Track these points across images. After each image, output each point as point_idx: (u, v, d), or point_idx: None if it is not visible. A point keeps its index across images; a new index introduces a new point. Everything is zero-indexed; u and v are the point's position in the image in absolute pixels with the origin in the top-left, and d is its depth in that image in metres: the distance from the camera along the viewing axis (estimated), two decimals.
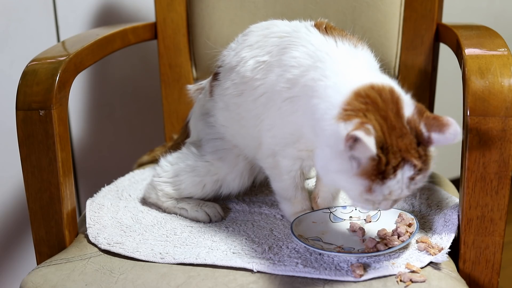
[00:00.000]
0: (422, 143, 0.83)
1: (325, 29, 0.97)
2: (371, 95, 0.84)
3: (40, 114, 1.01)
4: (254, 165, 1.12)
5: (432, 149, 0.84)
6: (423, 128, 0.83)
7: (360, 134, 0.77)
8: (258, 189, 1.21)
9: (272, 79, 0.98)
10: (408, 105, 0.84)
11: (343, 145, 0.79)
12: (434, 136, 0.82)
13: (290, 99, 0.95)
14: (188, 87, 1.23)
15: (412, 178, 0.83)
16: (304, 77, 0.93)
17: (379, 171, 0.81)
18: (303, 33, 0.98)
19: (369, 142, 0.78)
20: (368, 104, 0.83)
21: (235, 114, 1.07)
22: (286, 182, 1.05)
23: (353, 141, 0.78)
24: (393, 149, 0.81)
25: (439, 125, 0.81)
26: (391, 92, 0.84)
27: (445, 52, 1.30)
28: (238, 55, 1.05)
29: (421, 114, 0.84)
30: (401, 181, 0.82)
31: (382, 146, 0.81)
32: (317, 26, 0.99)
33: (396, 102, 0.83)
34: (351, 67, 0.91)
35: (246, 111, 1.04)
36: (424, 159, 0.83)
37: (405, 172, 0.82)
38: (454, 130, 0.81)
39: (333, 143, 0.82)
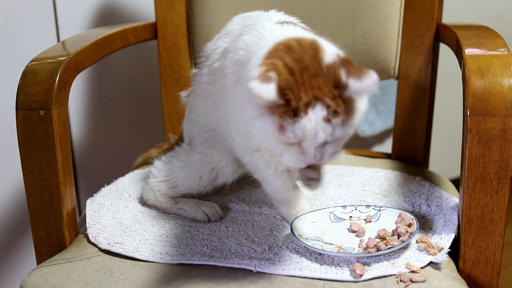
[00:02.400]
0: (340, 87, 0.81)
1: (283, 22, 0.98)
2: (288, 43, 0.86)
3: (40, 114, 1.01)
4: None
5: (356, 99, 0.82)
6: (342, 73, 0.81)
7: (254, 84, 0.78)
8: (258, 189, 1.21)
9: (227, 64, 1.00)
10: (331, 55, 0.84)
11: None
12: (352, 82, 0.80)
13: (238, 81, 0.95)
14: (180, 94, 1.22)
15: (327, 120, 0.81)
16: (251, 59, 0.92)
17: (290, 108, 0.81)
18: (262, 20, 0.99)
19: (263, 90, 0.78)
20: (281, 51, 0.84)
21: (211, 102, 1.08)
22: (273, 183, 1.04)
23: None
24: (305, 87, 0.80)
25: (359, 74, 0.80)
26: (313, 42, 0.85)
27: (445, 52, 1.30)
28: (215, 44, 1.07)
29: (343, 63, 0.83)
30: (313, 120, 0.80)
31: (291, 86, 0.80)
32: (279, 21, 0.99)
33: (315, 49, 0.84)
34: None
35: (219, 100, 1.05)
36: (340, 102, 0.81)
37: (317, 112, 0.80)
38: (372, 78, 0.80)
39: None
